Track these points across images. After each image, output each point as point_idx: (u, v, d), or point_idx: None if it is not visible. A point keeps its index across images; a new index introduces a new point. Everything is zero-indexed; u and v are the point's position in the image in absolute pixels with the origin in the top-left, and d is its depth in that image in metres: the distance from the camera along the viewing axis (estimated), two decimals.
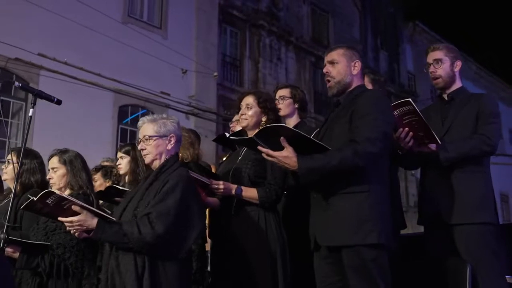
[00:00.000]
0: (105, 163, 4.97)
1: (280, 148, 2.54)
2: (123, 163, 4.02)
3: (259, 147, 2.59)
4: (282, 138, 2.52)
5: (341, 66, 2.82)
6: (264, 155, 2.61)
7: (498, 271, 2.89)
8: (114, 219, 2.64)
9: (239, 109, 3.32)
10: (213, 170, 3.93)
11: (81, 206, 2.59)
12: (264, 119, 3.23)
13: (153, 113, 12.16)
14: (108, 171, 4.53)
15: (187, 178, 2.75)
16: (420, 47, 23.40)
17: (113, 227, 2.56)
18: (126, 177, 4.04)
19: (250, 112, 3.23)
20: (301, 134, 2.55)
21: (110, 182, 4.42)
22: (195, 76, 13.46)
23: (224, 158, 3.80)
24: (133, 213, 2.65)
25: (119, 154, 4.09)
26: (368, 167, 2.54)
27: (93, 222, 2.58)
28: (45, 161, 3.54)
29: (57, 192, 2.60)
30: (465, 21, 50.07)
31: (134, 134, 12.49)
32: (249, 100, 3.26)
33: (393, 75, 21.82)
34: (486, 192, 2.98)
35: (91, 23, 11.03)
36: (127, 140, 12.22)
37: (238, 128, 4.09)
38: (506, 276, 3.05)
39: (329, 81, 2.84)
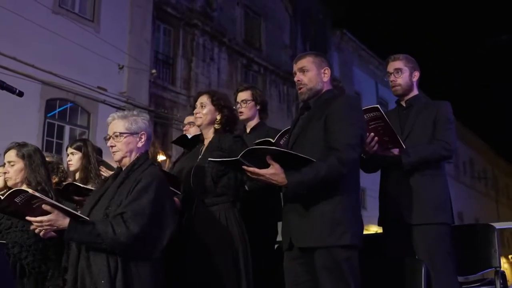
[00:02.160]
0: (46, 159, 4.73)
1: (265, 164, 2.52)
2: (74, 160, 3.86)
3: (245, 167, 2.55)
4: (268, 156, 2.51)
5: (312, 74, 2.85)
6: (249, 174, 2.58)
7: (451, 270, 3.07)
8: (87, 218, 2.53)
9: (194, 109, 3.33)
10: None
11: (52, 205, 2.47)
12: (218, 117, 3.26)
13: (82, 108, 11.87)
14: (55, 167, 4.32)
15: (160, 177, 2.71)
16: (346, 54, 24.27)
17: (86, 227, 2.46)
18: (77, 174, 3.88)
19: (204, 111, 3.26)
20: (288, 152, 2.56)
21: (57, 179, 4.22)
22: (127, 72, 13.09)
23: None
24: (104, 212, 2.57)
25: (70, 150, 3.91)
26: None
27: (64, 222, 2.47)
28: None
29: (30, 190, 2.46)
30: (389, 33, 52.38)
31: (61, 129, 11.97)
32: (203, 99, 3.30)
33: None
34: (444, 194, 3.16)
35: (22, 10, 10.41)
36: (54, 134, 11.67)
37: (193, 130, 4.06)
38: None
39: (300, 88, 2.86)
